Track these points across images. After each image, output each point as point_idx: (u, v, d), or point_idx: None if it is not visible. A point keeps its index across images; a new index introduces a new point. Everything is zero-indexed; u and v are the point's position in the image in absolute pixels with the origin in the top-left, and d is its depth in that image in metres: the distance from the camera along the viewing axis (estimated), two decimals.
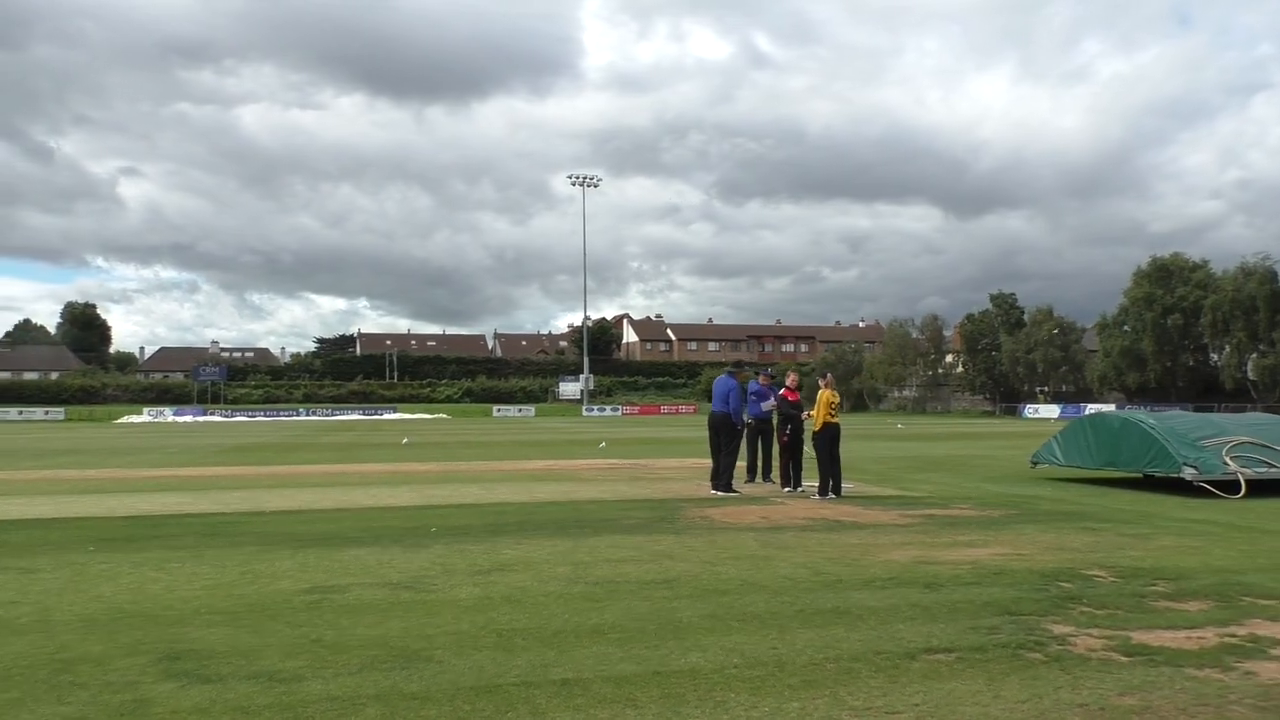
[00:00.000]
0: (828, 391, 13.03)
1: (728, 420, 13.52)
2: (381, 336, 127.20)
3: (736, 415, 13.50)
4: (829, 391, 13.02)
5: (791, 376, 14.41)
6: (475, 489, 14.06)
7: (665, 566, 7.49)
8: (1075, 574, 7.22)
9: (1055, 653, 4.97)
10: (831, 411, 12.91)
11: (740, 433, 13.67)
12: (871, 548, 8.50)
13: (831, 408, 12.92)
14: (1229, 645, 5.17)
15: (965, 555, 8.11)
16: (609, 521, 10.32)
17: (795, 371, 14.53)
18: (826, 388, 13.09)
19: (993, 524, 10.23)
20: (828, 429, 12.87)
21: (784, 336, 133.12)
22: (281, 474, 17.47)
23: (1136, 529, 9.91)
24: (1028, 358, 74.36)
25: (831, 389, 13.10)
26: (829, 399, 12.94)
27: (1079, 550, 8.42)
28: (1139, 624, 5.63)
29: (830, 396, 12.96)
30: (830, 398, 12.95)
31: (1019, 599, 6.27)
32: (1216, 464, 13.75)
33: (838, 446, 13.02)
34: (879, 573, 7.24)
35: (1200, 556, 8.15)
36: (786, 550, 8.31)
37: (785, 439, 14.04)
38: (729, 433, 13.50)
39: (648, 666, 4.68)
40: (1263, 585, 6.83)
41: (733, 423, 13.50)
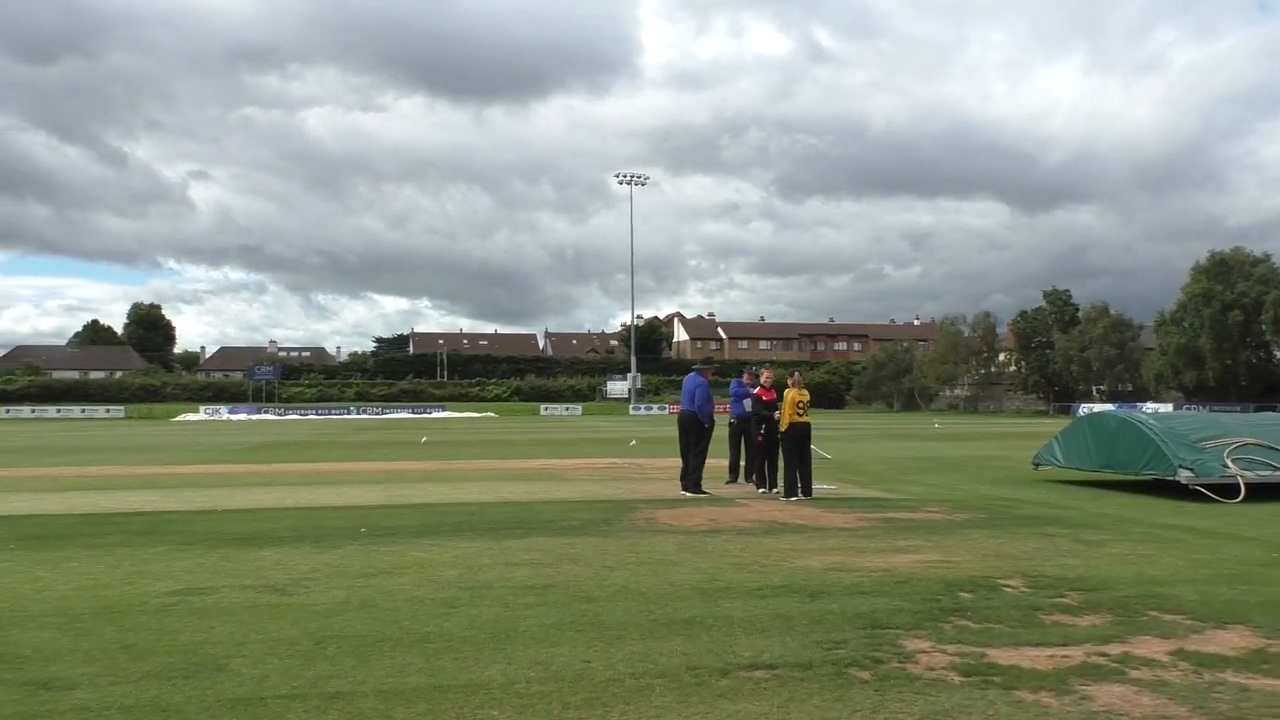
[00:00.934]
0: (794, 391, 12.64)
1: (695, 419, 13.20)
2: (434, 336, 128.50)
3: (703, 413, 13.16)
4: (795, 391, 12.64)
5: (766, 375, 14.02)
6: (445, 488, 13.93)
7: (557, 571, 7.24)
8: (985, 584, 6.82)
9: (886, 671, 4.62)
10: (799, 411, 12.52)
11: (708, 432, 13.31)
12: (792, 553, 8.16)
13: (799, 407, 12.52)
14: (1089, 665, 4.77)
15: (886, 562, 7.73)
16: (548, 523, 10.09)
17: (769, 370, 14.12)
18: (793, 387, 12.70)
19: (947, 528, 9.80)
20: (794, 429, 12.48)
21: (836, 335, 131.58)
22: (273, 472, 17.57)
23: (1097, 535, 9.40)
24: (1082, 356, 72.41)
25: (799, 388, 12.70)
26: (795, 398, 12.56)
27: (1014, 558, 7.99)
28: (1008, 640, 5.24)
29: (797, 396, 12.58)
30: (796, 397, 12.56)
31: (898, 611, 5.90)
32: (1215, 467, 13.08)
33: (806, 447, 12.62)
34: (776, 580, 6.90)
35: (1141, 566, 7.67)
36: (699, 555, 8.00)
37: (760, 439, 13.68)
38: (697, 432, 13.17)
39: (438, 679, 4.45)
40: (1181, 599, 6.36)
41: (700, 421, 13.17)
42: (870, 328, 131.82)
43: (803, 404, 12.56)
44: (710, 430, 13.33)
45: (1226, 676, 4.63)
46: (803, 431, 12.49)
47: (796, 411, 12.48)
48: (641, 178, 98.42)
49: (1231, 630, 5.55)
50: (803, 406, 12.55)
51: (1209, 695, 4.30)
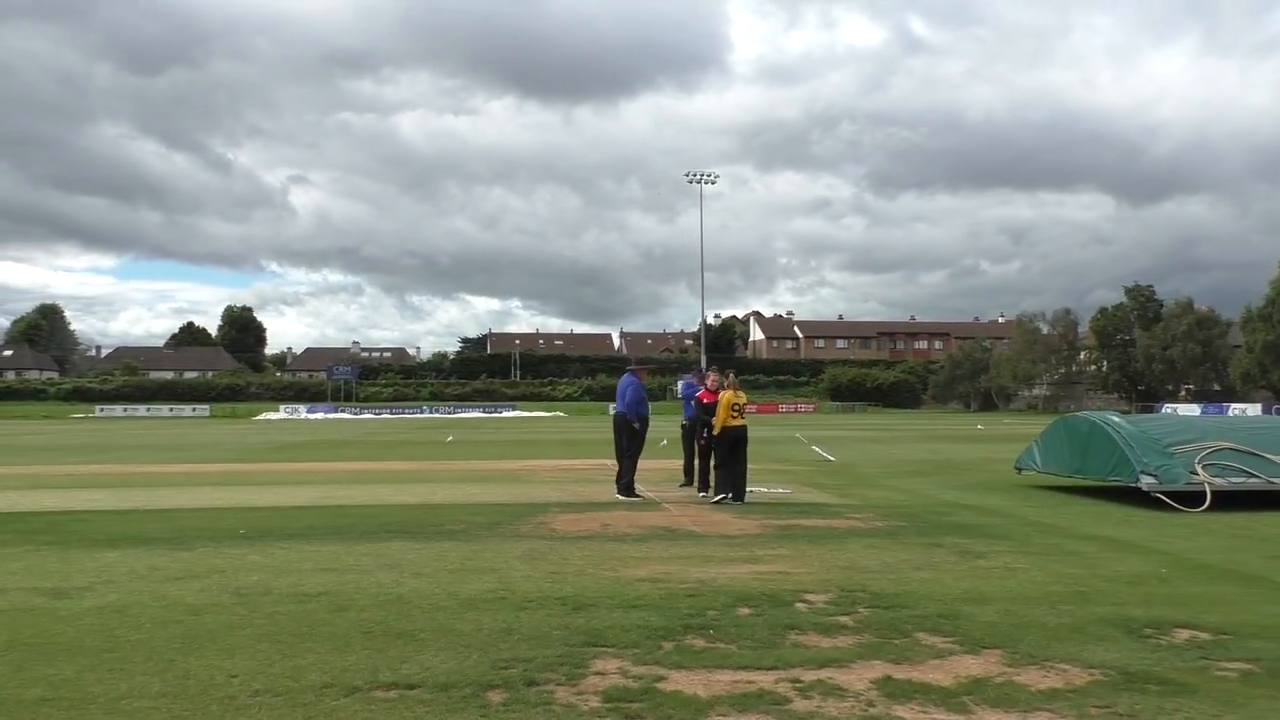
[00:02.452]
0: (728, 393, 12.26)
1: (625, 421, 12.90)
2: (511, 336, 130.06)
3: (633, 414, 12.83)
4: (730, 393, 12.25)
5: (712, 377, 13.61)
6: (387, 490, 13.94)
7: (359, 578, 7.11)
8: (782, 598, 6.45)
9: (527, 695, 4.35)
10: (734, 414, 12.13)
11: (640, 433, 12.98)
12: (633, 561, 7.87)
13: (733, 410, 12.13)
14: (759, 692, 4.44)
15: (718, 573, 7.39)
16: (434, 526, 9.98)
17: (717, 371, 13.68)
18: (729, 389, 12.32)
19: (835, 538, 9.35)
20: (727, 432, 12.11)
21: (917, 333, 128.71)
22: (252, 471, 17.91)
23: (991, 547, 8.85)
24: (1165, 354, 69.22)
25: (735, 390, 12.31)
26: (729, 400, 12.17)
27: (863, 570, 7.56)
28: (715, 663, 4.91)
29: (731, 398, 12.19)
30: (731, 399, 12.18)
31: (637, 627, 5.60)
32: (1181, 473, 12.27)
33: (741, 450, 12.21)
34: (565, 590, 6.65)
35: (991, 582, 7.17)
36: (528, 563, 7.78)
37: (703, 441, 13.31)
38: (628, 434, 12.87)
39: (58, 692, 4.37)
40: (974, 619, 5.90)
41: (630, 423, 12.85)
42: (952, 326, 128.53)
43: (738, 406, 12.16)
44: (642, 431, 13.00)
45: (897, 710, 4.24)
46: (736, 434, 12.10)
47: (731, 414, 12.10)
48: (711, 176, 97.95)
49: (980, 656, 5.11)
50: (738, 409, 12.15)
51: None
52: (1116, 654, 5.15)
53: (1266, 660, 5.07)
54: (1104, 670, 4.85)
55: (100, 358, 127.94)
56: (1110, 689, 4.56)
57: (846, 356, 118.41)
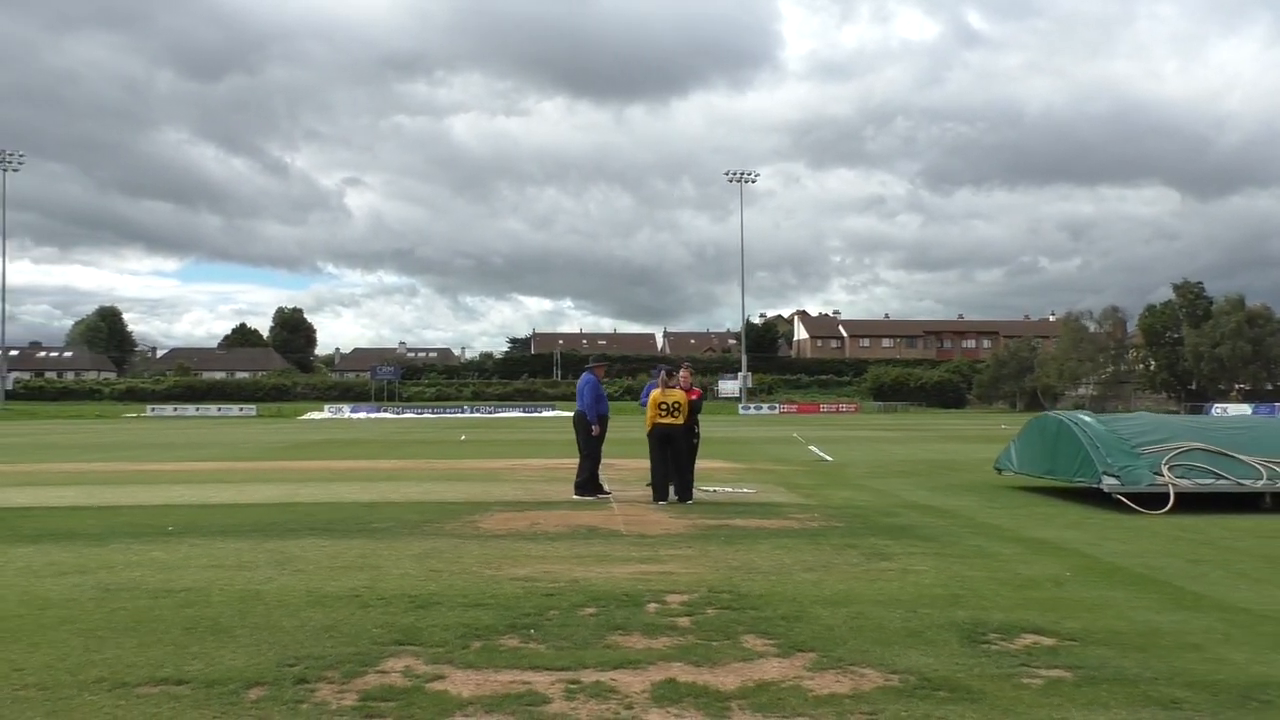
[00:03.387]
0: (656, 391, 12.15)
1: (583, 419, 12.84)
2: (555, 336, 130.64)
3: (591, 414, 12.75)
4: (659, 391, 12.14)
5: (684, 375, 13.45)
6: (349, 488, 14.05)
7: (233, 574, 7.18)
8: (638, 598, 6.36)
9: (289, 694, 4.34)
10: (662, 412, 12.00)
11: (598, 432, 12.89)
12: (525, 560, 7.84)
13: (661, 408, 12.01)
14: (527, 693, 4.37)
15: (601, 572, 7.33)
16: (361, 524, 10.04)
17: (688, 369, 13.49)
18: (660, 386, 12.20)
19: (752, 538, 9.22)
20: (654, 431, 12.00)
21: (964, 332, 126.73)
22: (237, 470, 18.17)
23: (907, 548, 8.66)
24: (1213, 352, 67.29)
25: (663, 388, 12.18)
26: (656, 399, 12.06)
27: (749, 572, 7.43)
28: (510, 663, 4.86)
29: (659, 396, 12.07)
30: (658, 397, 12.06)
31: (461, 625, 5.56)
32: (1145, 474, 11.91)
33: (674, 449, 12.07)
34: (430, 589, 6.64)
35: (875, 584, 7.00)
36: (420, 560, 7.80)
37: None
38: (585, 433, 12.80)
39: None
40: (817, 621, 5.77)
41: (588, 421, 12.78)
42: (1001, 324, 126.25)
43: (666, 405, 12.01)
44: (601, 430, 12.91)
45: (653, 713, 4.15)
46: (664, 433, 11.97)
47: (659, 413, 11.98)
48: (752, 175, 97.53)
49: (790, 659, 4.99)
50: (667, 408, 12.00)
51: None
52: (932, 659, 4.99)
53: (1087, 668, 4.88)
54: (904, 675, 4.70)
55: (156, 359, 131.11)
56: (893, 695, 4.42)
57: (892, 356, 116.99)
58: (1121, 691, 4.51)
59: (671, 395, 12.11)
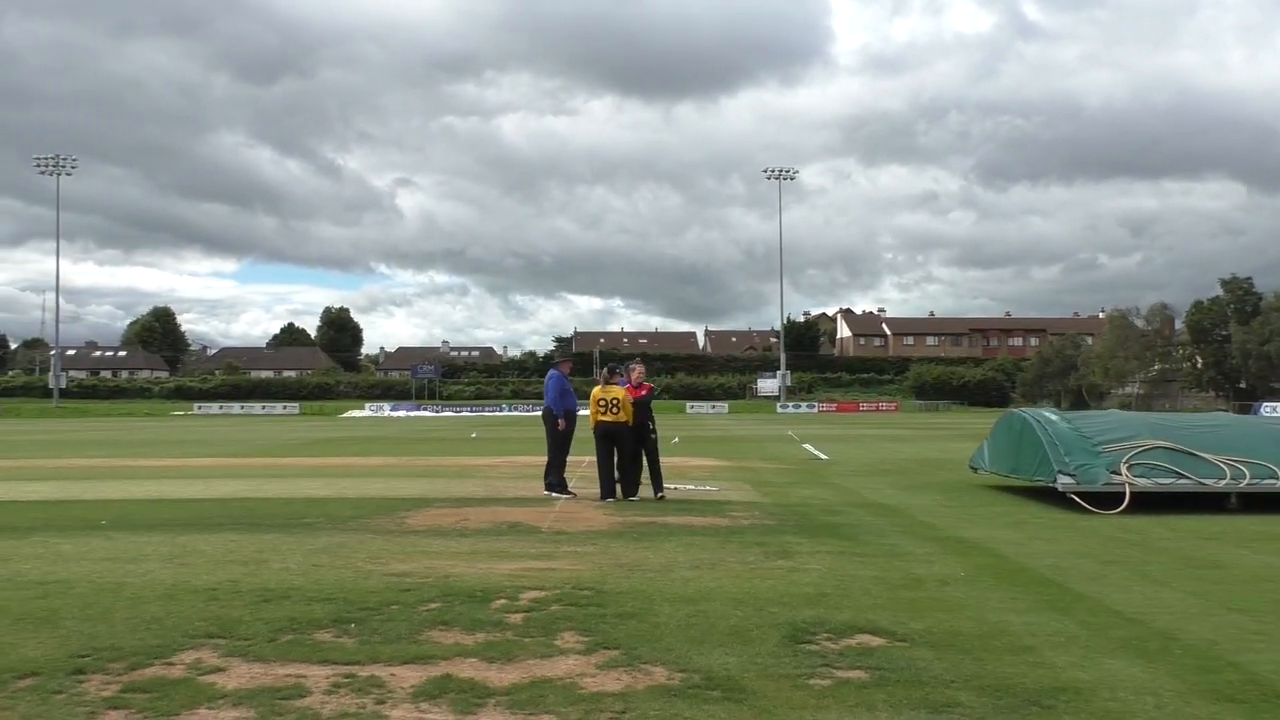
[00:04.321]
0: (597, 389, 12.10)
1: (549, 415, 12.83)
2: (596, 335, 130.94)
3: (558, 409, 12.72)
4: (599, 389, 12.09)
5: (636, 371, 13.35)
6: (315, 483, 14.23)
7: (120, 566, 7.33)
8: (486, 593, 6.34)
9: (51, 685, 4.38)
10: (600, 409, 11.95)
11: (564, 428, 12.84)
12: (421, 556, 7.87)
13: (600, 405, 11.95)
14: (290, 686, 4.37)
15: (485, 568, 7.32)
16: (293, 519, 10.18)
17: (641, 364, 13.40)
18: (601, 383, 12.15)
19: (665, 535, 9.13)
20: (596, 428, 11.96)
21: (1010, 330, 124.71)
22: (226, 465, 18.48)
23: (816, 546, 8.53)
24: (1262, 350, 65.38)
25: (602, 386, 12.14)
26: (597, 396, 12.01)
27: (631, 569, 7.37)
28: (301, 656, 4.86)
29: (599, 393, 12.03)
30: (598, 394, 12.02)
31: (284, 618, 5.58)
32: (1101, 473, 11.60)
33: (607, 447, 12.01)
34: (292, 584, 6.67)
35: (748, 582, 6.89)
36: (313, 555, 7.88)
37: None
38: (551, 428, 12.80)
39: None
40: (646, 621, 5.69)
41: (554, 417, 12.77)
42: (1049, 322, 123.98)
43: (605, 402, 11.95)
44: (568, 426, 12.81)
45: (401, 708, 4.12)
46: (606, 430, 11.92)
47: (599, 410, 11.94)
48: (790, 172, 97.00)
49: (591, 656, 4.92)
50: (605, 404, 11.94)
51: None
52: (733, 658, 4.89)
53: (889, 670, 4.74)
54: (690, 674, 4.61)
55: (206, 357, 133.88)
56: (660, 693, 4.33)
57: (936, 354, 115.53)
58: (903, 693, 4.38)
59: (611, 392, 12.05)
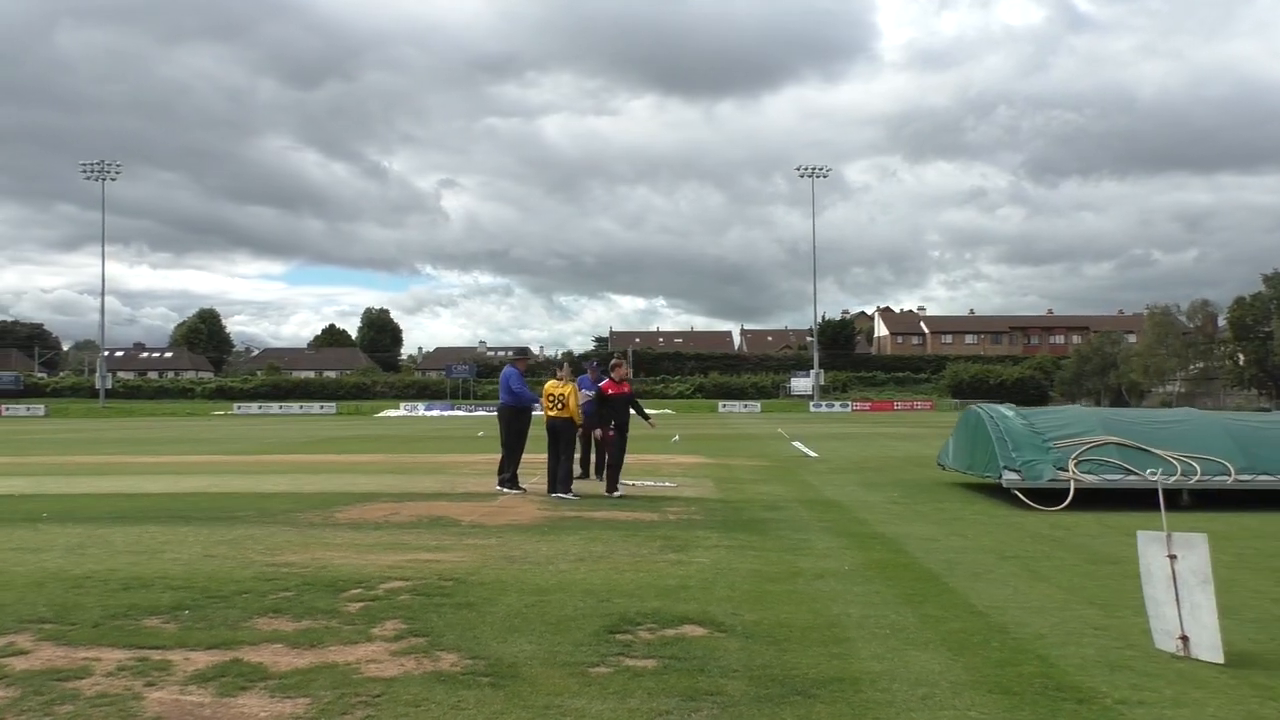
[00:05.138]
0: (550, 384, 12.17)
1: (503, 412, 12.94)
2: (631, 334, 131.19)
3: (515, 404, 12.81)
4: (551, 383, 12.17)
5: (619, 369, 13.39)
6: (278, 480, 14.50)
7: (20, 556, 7.54)
8: (343, 583, 6.45)
9: None
10: (549, 404, 12.03)
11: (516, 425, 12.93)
12: (318, 548, 8.02)
13: (549, 400, 12.03)
14: (83, 667, 4.52)
15: (371, 560, 7.47)
16: (227, 513, 10.40)
17: (623, 362, 13.44)
18: (559, 379, 12.22)
19: (572, 530, 9.20)
20: (547, 423, 12.04)
21: (1052, 328, 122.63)
22: (210, 462, 18.86)
23: (726, 539, 8.56)
24: None
25: (557, 381, 12.21)
26: (548, 391, 12.09)
27: (508, 561, 7.45)
28: (120, 641, 5.01)
29: (551, 389, 12.10)
30: (549, 389, 12.09)
31: (131, 606, 5.75)
32: (1047, 470, 11.44)
33: (559, 442, 12.08)
34: (170, 571, 6.90)
35: (601, 575, 6.92)
36: (214, 545, 8.08)
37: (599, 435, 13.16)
38: (504, 425, 12.90)
39: None
40: (478, 609, 5.76)
41: (508, 414, 12.87)
42: (1092, 319, 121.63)
43: (554, 397, 12.04)
44: (519, 423, 12.91)
45: (167, 688, 4.23)
46: (550, 426, 12.01)
47: (548, 404, 12.02)
48: (823, 170, 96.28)
49: (395, 643, 5.02)
50: (553, 400, 12.03)
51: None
52: (532, 647, 4.94)
53: (684, 659, 4.75)
54: (478, 661, 4.68)
55: (249, 358, 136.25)
56: (432, 679, 4.41)
57: (975, 352, 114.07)
58: (674, 681, 4.40)
59: (559, 389, 12.13)
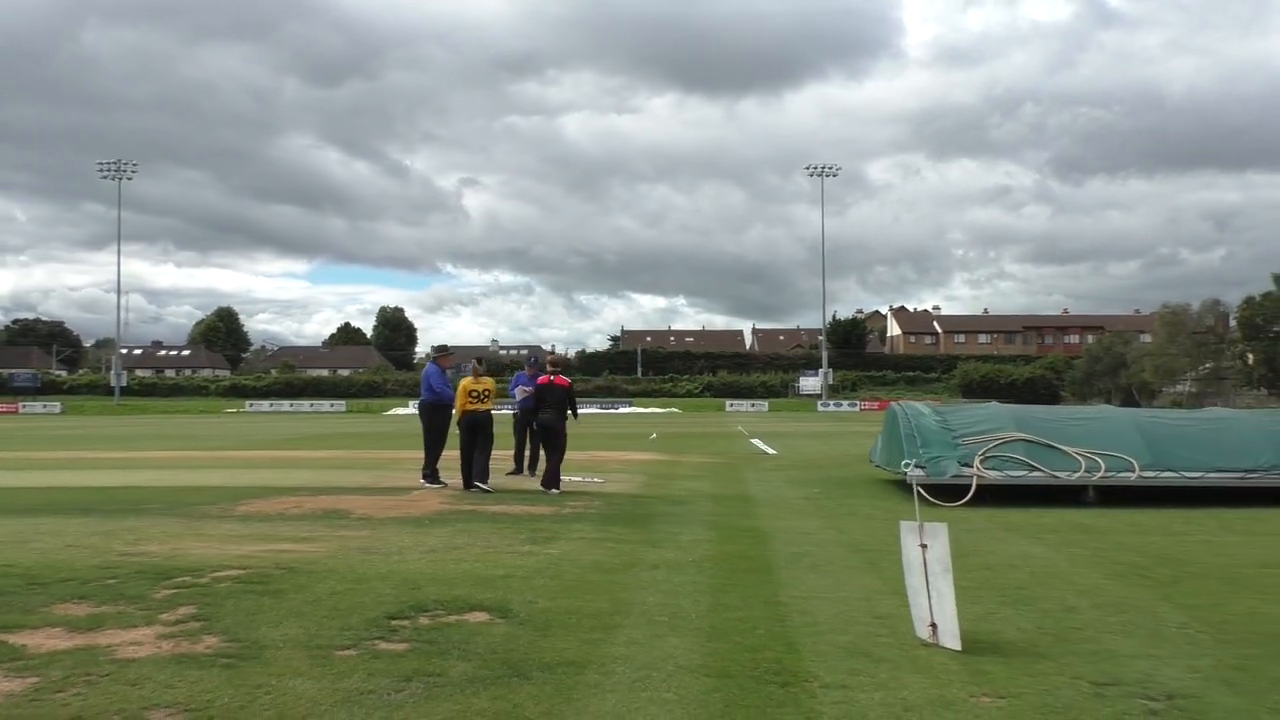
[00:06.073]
0: (468, 379, 12.35)
1: (423, 408, 13.13)
2: (642, 334, 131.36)
3: (434, 401, 12.99)
4: (469, 378, 12.35)
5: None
6: (218, 474, 14.80)
7: None
8: (170, 573, 6.66)
9: None
10: (471, 399, 12.20)
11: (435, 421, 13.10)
12: (174, 540, 8.27)
13: (471, 395, 12.20)
14: None
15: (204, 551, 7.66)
16: (138, 504, 10.73)
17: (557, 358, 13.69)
18: (468, 374, 12.39)
19: (451, 523, 9.39)
20: (464, 418, 12.21)
21: (1067, 327, 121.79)
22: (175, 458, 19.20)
23: (595, 533, 8.71)
24: None
25: (475, 376, 12.38)
26: (467, 386, 12.27)
27: (354, 551, 7.62)
28: None
29: (470, 384, 12.27)
30: (469, 385, 12.27)
31: None
32: (951, 466, 11.51)
33: (478, 438, 12.24)
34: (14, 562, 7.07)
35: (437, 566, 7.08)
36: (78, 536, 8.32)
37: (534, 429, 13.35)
38: (426, 421, 13.07)
39: None
40: (279, 597, 5.93)
41: (429, 410, 13.05)
42: (1107, 319, 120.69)
43: (476, 392, 12.21)
44: (439, 419, 13.07)
45: None
46: (471, 420, 12.18)
47: (469, 399, 12.19)
48: (833, 169, 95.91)
49: (171, 627, 5.22)
50: (475, 395, 12.20)
51: None
52: (297, 630, 5.11)
53: (434, 643, 4.92)
54: (237, 644, 4.87)
55: (265, 356, 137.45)
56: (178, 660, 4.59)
57: (989, 351, 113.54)
58: (408, 664, 4.57)
59: (482, 383, 12.32)
